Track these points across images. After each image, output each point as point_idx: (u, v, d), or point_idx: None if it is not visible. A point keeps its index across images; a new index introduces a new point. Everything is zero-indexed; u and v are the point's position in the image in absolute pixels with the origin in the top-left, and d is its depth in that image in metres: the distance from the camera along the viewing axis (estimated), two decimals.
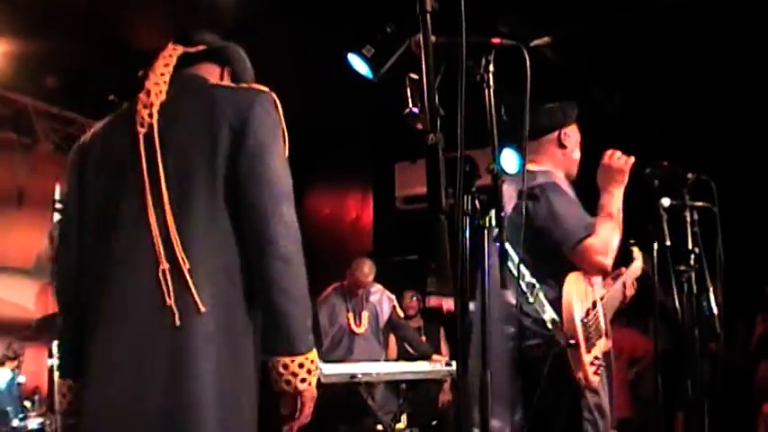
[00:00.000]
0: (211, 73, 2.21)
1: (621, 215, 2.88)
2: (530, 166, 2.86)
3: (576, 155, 3.09)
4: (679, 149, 4.33)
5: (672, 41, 5.71)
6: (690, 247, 3.15)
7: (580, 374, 2.67)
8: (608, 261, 2.80)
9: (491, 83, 1.88)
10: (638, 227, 3.18)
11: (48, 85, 6.85)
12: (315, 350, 1.97)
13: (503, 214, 1.74)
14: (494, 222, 1.70)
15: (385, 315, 6.01)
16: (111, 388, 1.87)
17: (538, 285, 2.73)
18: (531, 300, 2.69)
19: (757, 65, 5.77)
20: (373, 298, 5.98)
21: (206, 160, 1.95)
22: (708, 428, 3.18)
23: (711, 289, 3.26)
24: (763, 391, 5.78)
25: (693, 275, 3.15)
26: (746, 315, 6.13)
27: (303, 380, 1.91)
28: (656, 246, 3.12)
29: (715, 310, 3.26)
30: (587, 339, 2.71)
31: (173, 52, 2.15)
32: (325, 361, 5.09)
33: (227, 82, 2.23)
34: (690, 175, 3.21)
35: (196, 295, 1.86)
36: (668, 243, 3.12)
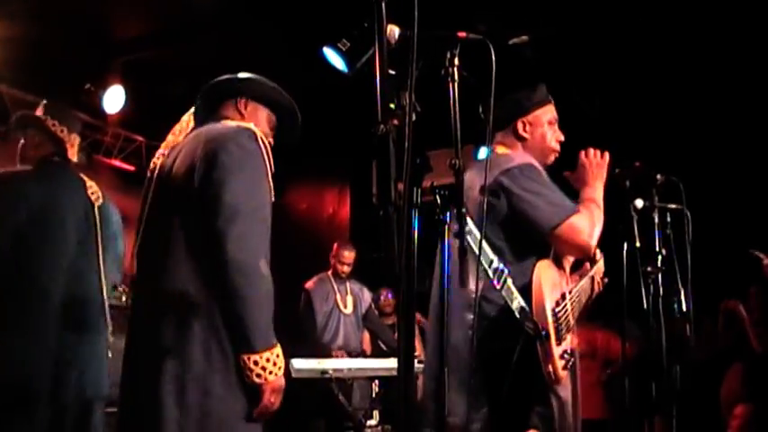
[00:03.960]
0: (228, 107, 2.46)
1: (603, 206, 2.77)
2: (504, 151, 2.82)
3: (544, 140, 2.90)
4: (656, 152, 4.33)
5: (648, 44, 5.73)
6: (657, 248, 3.13)
7: (549, 368, 2.53)
8: (593, 242, 2.68)
9: (456, 77, 1.86)
10: (608, 227, 3.16)
11: (23, 72, 6.76)
12: (278, 346, 2.17)
13: (463, 210, 1.72)
14: (455, 218, 1.68)
15: (365, 303, 6.38)
16: None
17: (506, 271, 2.55)
18: (498, 287, 2.53)
19: (726, 67, 5.80)
20: (355, 286, 6.36)
21: (185, 191, 2.19)
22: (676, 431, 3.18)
23: (682, 291, 3.24)
24: (731, 403, 5.79)
25: (661, 277, 3.13)
26: (715, 316, 6.15)
27: (271, 372, 2.13)
28: (625, 246, 3.10)
29: (685, 312, 3.25)
30: (557, 331, 2.57)
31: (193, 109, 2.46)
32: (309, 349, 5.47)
33: (245, 112, 2.46)
34: (659, 176, 3.20)
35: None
36: (638, 244, 3.11)
